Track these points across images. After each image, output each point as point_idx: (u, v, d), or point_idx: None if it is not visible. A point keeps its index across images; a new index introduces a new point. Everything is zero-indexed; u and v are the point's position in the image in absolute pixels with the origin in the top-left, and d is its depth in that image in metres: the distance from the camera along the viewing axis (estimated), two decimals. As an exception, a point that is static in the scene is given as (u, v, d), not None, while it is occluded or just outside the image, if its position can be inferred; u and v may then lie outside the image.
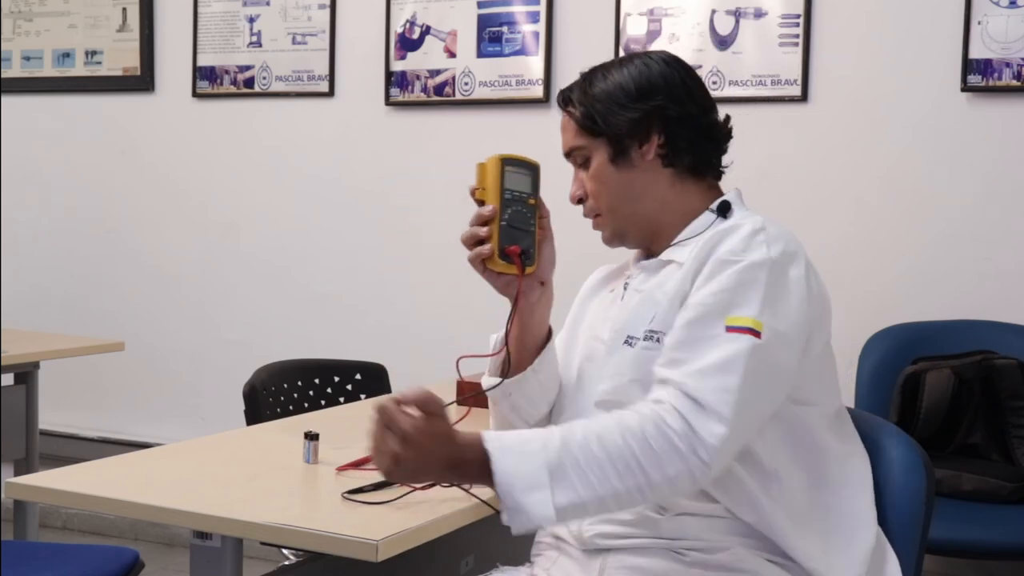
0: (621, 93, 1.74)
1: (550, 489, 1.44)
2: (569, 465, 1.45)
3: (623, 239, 1.79)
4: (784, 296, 1.59)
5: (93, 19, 4.24)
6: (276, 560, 2.49)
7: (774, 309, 1.57)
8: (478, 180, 1.71)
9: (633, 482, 1.46)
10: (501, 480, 1.44)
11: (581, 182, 1.79)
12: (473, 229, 1.70)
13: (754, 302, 1.56)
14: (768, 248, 1.60)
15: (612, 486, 1.45)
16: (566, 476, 1.44)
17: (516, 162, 1.72)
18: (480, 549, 2.09)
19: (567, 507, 1.45)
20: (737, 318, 1.55)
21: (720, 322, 1.55)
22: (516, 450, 1.46)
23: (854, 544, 1.64)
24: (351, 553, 1.50)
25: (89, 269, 4.28)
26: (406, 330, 3.76)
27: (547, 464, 1.45)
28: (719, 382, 1.50)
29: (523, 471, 1.44)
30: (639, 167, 1.74)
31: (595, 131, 1.75)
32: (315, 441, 1.89)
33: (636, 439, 1.47)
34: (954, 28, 3.09)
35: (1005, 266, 3.11)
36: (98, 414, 4.25)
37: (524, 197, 1.71)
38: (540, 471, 1.44)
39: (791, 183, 3.31)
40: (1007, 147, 3.10)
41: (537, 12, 3.54)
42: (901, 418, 2.89)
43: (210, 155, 4.09)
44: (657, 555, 1.63)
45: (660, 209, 1.75)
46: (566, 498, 1.44)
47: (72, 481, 1.75)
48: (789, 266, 1.61)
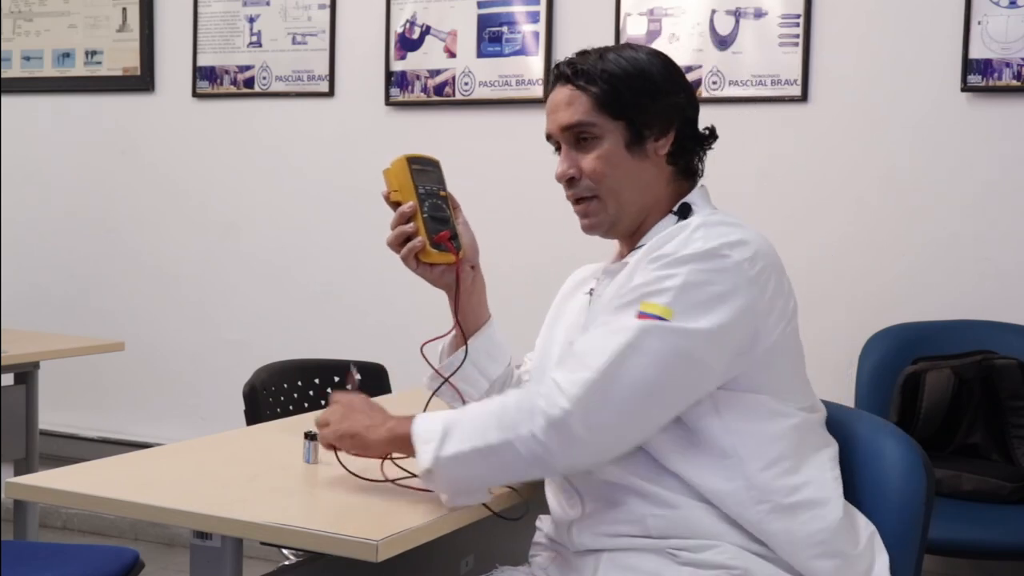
0: (649, 82, 1.72)
1: (439, 442, 1.57)
2: (459, 422, 1.58)
3: (613, 227, 1.76)
4: (716, 282, 1.56)
5: (93, 19, 4.24)
6: (276, 560, 2.48)
7: (697, 298, 1.55)
8: (389, 184, 1.75)
9: (504, 436, 1.54)
10: (412, 436, 1.60)
11: (574, 160, 1.73)
12: (399, 229, 1.73)
13: (670, 291, 1.56)
14: (705, 242, 1.59)
15: (487, 439, 1.55)
16: (455, 432, 1.57)
17: (420, 160, 1.75)
18: (480, 549, 2.09)
19: (449, 457, 1.56)
20: (649, 304, 1.56)
21: (632, 310, 1.56)
22: (430, 414, 1.62)
23: (812, 525, 1.61)
24: (351, 553, 1.50)
25: (89, 269, 4.28)
26: (406, 330, 3.75)
27: (444, 421, 1.59)
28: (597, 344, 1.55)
29: (425, 427, 1.60)
30: (650, 159, 1.73)
31: (615, 112, 1.71)
32: (315, 441, 1.89)
33: (512, 398, 1.59)
34: (954, 28, 3.09)
35: (1005, 266, 3.11)
36: (98, 414, 4.25)
37: (435, 191, 1.75)
38: (437, 427, 1.59)
39: (791, 183, 3.31)
40: (1007, 147, 3.10)
41: (537, 12, 3.54)
42: (901, 418, 2.89)
43: (210, 155, 4.09)
44: (649, 555, 1.63)
45: (653, 205, 1.75)
46: (452, 449, 1.56)
47: (72, 481, 1.74)
48: (731, 251, 1.59)
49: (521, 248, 3.54)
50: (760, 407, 1.62)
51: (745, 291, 1.58)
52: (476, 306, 1.82)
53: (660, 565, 1.62)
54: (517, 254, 3.52)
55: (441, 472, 1.58)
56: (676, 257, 1.58)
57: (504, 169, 3.60)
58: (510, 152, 3.59)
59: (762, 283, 1.60)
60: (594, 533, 1.67)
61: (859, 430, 1.78)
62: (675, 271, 1.57)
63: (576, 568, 1.69)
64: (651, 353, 1.53)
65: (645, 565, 1.62)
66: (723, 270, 1.57)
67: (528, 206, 3.55)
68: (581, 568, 1.68)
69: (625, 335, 1.54)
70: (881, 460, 1.76)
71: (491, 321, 1.87)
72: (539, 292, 1.75)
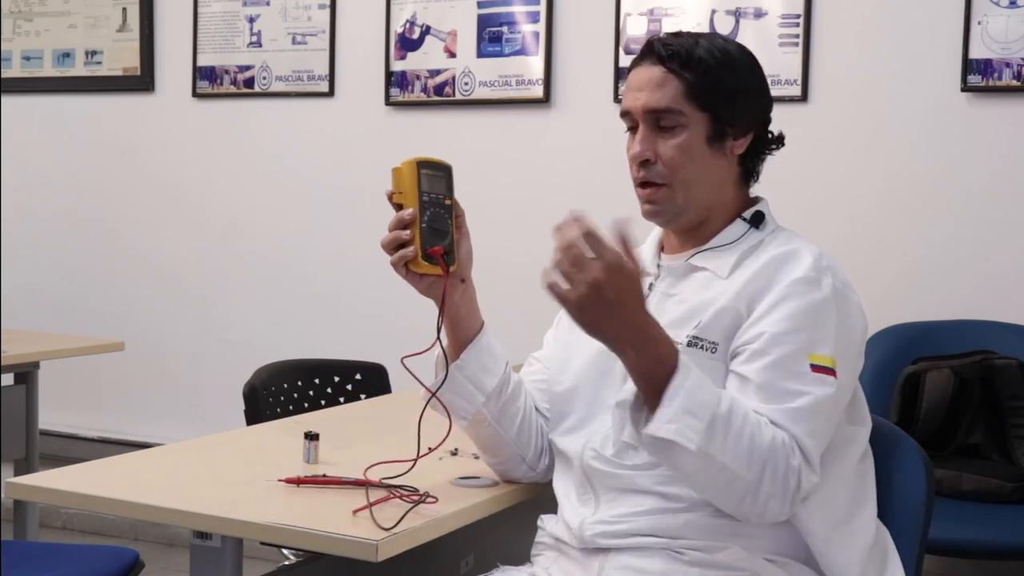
0: (741, 80, 1.71)
1: (704, 429, 1.47)
2: (724, 425, 1.49)
3: (675, 219, 1.73)
4: (849, 325, 1.63)
5: (93, 19, 4.24)
6: (276, 560, 2.49)
7: (845, 341, 1.61)
8: (395, 185, 1.72)
9: (751, 478, 1.50)
10: (676, 385, 1.48)
11: (652, 143, 1.70)
12: (395, 233, 1.69)
13: (830, 339, 1.60)
14: (833, 277, 1.64)
15: (736, 469, 1.50)
16: (718, 432, 1.49)
17: (431, 164, 1.72)
18: (480, 549, 2.08)
19: (701, 454, 1.48)
20: (819, 357, 1.58)
21: (805, 360, 1.58)
22: (701, 378, 1.51)
23: (855, 542, 1.65)
24: (351, 553, 1.50)
25: (89, 269, 4.28)
26: (406, 330, 3.74)
27: (713, 410, 1.49)
28: (810, 427, 1.55)
29: (697, 398, 1.49)
30: (727, 157, 1.73)
31: (703, 104, 1.68)
32: (315, 441, 1.89)
33: (775, 450, 1.51)
34: (954, 28, 3.09)
35: (1005, 266, 3.11)
36: (98, 414, 4.25)
37: (441, 199, 1.72)
38: (706, 410, 1.49)
39: (791, 183, 3.30)
40: (1007, 147, 3.10)
41: (537, 12, 3.54)
42: (901, 418, 2.89)
43: (210, 155, 4.09)
44: (656, 555, 1.63)
45: (719, 203, 1.74)
46: (711, 448, 1.48)
47: (72, 481, 1.74)
48: (851, 294, 1.66)
49: (521, 248, 3.54)
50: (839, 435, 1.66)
51: (861, 335, 1.67)
52: (466, 317, 1.77)
53: (666, 566, 1.62)
54: (516, 254, 3.51)
55: (680, 453, 1.50)
56: (822, 299, 1.61)
57: (504, 169, 3.60)
58: (510, 152, 3.59)
59: (864, 324, 1.68)
60: (605, 532, 1.66)
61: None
62: (824, 311, 1.61)
63: (581, 567, 1.68)
64: (835, 416, 1.61)
65: (651, 566, 1.62)
66: (854, 314, 1.65)
67: (528, 206, 3.54)
68: (586, 568, 1.67)
69: (827, 399, 1.57)
70: (881, 460, 1.76)
71: (484, 330, 1.79)
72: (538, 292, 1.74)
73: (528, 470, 1.83)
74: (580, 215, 1.47)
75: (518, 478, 1.84)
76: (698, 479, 1.55)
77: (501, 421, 1.78)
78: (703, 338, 1.63)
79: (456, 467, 1.87)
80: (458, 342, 1.77)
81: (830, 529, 1.63)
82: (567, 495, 1.75)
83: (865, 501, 1.69)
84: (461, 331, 1.77)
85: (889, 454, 1.78)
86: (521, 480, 1.84)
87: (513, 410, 1.79)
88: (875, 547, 1.67)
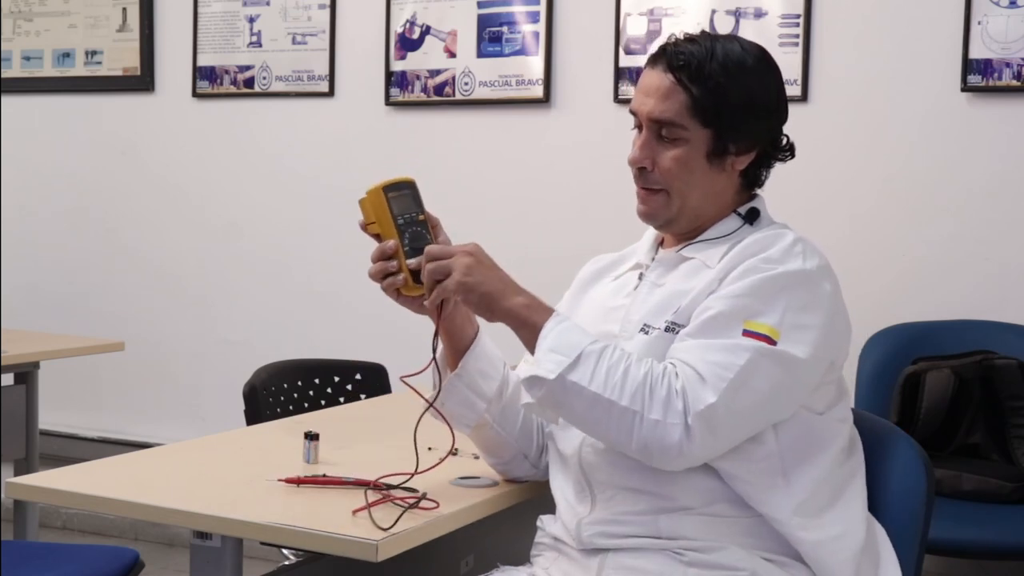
0: (751, 102, 1.69)
1: (570, 363, 1.55)
2: (596, 360, 1.55)
3: (669, 224, 1.75)
4: (812, 309, 1.61)
5: (93, 19, 4.24)
6: (276, 560, 2.49)
7: (797, 322, 1.59)
8: (366, 216, 1.73)
9: (629, 406, 1.53)
10: (544, 331, 1.58)
11: (651, 152, 1.70)
12: (379, 264, 1.71)
13: (776, 311, 1.58)
14: (804, 260, 1.63)
15: (612, 398, 1.54)
16: (588, 364, 1.55)
17: (395, 186, 1.71)
18: (480, 549, 2.09)
19: (569, 383, 1.54)
20: (756, 324, 1.57)
21: (738, 324, 1.57)
22: (572, 324, 1.61)
23: (845, 541, 1.64)
24: (351, 553, 1.50)
25: (89, 269, 4.28)
26: (406, 330, 3.72)
27: (582, 348, 1.56)
28: (720, 360, 1.55)
29: (564, 339, 1.57)
30: (726, 171, 1.72)
31: (706, 121, 1.68)
32: (315, 441, 1.89)
33: (653, 375, 1.55)
34: (954, 28, 3.09)
35: (1005, 266, 3.11)
36: (98, 414, 4.25)
37: (415, 216, 1.72)
38: (574, 348, 1.56)
39: (791, 183, 3.30)
40: (1007, 147, 3.10)
41: (537, 12, 3.54)
42: (901, 418, 2.89)
43: (210, 155, 4.09)
44: (655, 555, 1.63)
45: (716, 210, 1.74)
46: (577, 377, 1.54)
47: (72, 481, 1.75)
48: (824, 280, 1.64)
49: (520, 248, 3.54)
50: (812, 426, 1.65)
51: (834, 316, 1.64)
52: (461, 325, 1.76)
53: (665, 566, 1.62)
54: (516, 254, 3.51)
55: (553, 389, 1.55)
56: (780, 273, 1.60)
57: (504, 169, 3.60)
58: (510, 152, 3.59)
59: (842, 314, 1.66)
60: (603, 532, 1.67)
61: (859, 430, 1.78)
62: (776, 285, 1.59)
63: (580, 567, 1.68)
64: (766, 378, 1.57)
65: (650, 566, 1.62)
66: (822, 298, 1.62)
67: (528, 206, 3.54)
68: (585, 568, 1.68)
69: (741, 356, 1.55)
70: (881, 460, 1.76)
71: (479, 336, 1.78)
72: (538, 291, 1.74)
73: (531, 468, 1.85)
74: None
75: (521, 476, 1.85)
76: (581, 416, 1.58)
77: (503, 423, 1.80)
78: (680, 323, 1.64)
79: (456, 467, 1.87)
80: (455, 350, 1.77)
81: (795, 515, 1.61)
82: (564, 495, 1.75)
83: (845, 497, 1.67)
84: (457, 339, 1.77)
85: (889, 454, 1.78)
86: (524, 478, 1.85)
87: (514, 410, 1.80)
88: (868, 547, 1.67)
